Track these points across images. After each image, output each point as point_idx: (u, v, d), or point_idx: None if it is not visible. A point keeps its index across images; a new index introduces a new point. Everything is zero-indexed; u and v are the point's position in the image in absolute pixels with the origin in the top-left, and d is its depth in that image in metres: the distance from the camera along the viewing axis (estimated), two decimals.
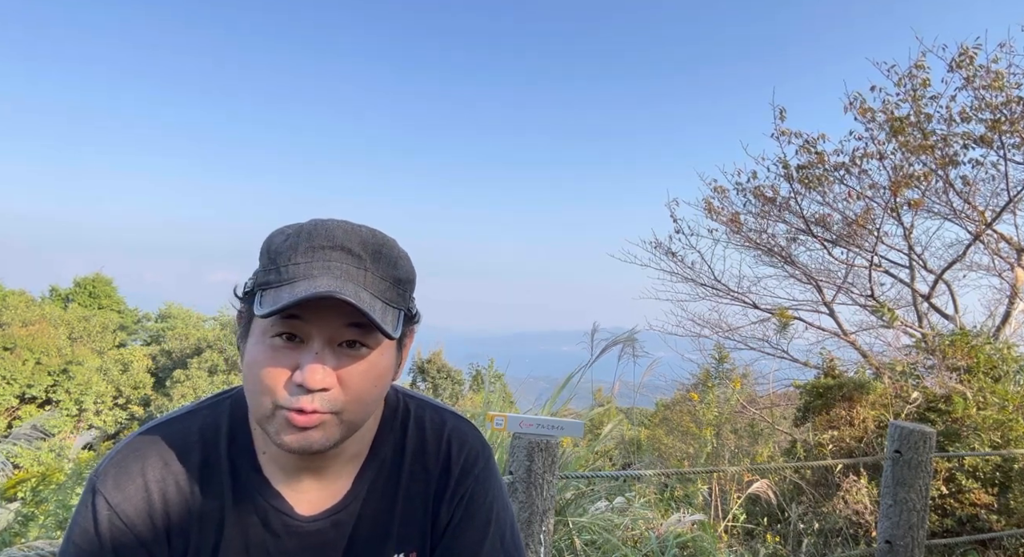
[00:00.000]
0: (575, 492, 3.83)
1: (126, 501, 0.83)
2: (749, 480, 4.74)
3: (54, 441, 12.38)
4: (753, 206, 7.32)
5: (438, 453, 0.98)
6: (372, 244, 0.81)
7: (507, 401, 5.95)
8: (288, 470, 0.89)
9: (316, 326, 0.78)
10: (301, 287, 0.75)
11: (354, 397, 0.80)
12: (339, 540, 0.91)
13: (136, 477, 0.85)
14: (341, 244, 0.79)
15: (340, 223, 0.81)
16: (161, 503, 0.85)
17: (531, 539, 2.29)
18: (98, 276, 29.43)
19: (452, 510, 0.97)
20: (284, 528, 0.88)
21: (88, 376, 21.38)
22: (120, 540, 0.83)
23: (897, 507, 3.15)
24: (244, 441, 0.89)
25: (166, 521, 0.85)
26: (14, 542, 3.91)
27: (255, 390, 0.80)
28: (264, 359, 0.79)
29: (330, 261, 0.78)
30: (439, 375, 22.04)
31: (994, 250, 6.79)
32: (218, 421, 0.90)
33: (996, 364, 4.95)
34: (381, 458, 0.95)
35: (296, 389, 0.77)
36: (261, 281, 0.80)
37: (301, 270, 0.77)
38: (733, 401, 5.70)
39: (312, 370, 0.77)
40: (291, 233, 0.81)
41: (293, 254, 0.78)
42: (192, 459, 0.87)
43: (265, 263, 0.81)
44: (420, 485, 0.96)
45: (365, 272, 0.80)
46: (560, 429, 2.42)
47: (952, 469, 4.35)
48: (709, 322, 8.09)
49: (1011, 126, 5.47)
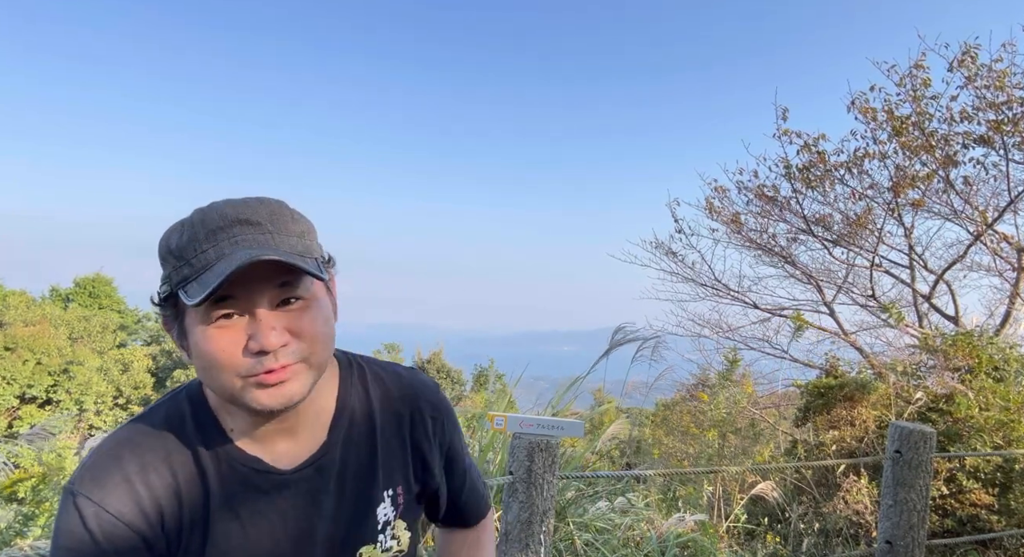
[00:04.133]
0: (576, 492, 3.83)
1: (109, 495, 0.84)
2: (751, 481, 4.74)
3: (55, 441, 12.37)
4: (754, 206, 7.32)
5: (404, 398, 1.04)
6: (264, 210, 0.84)
7: (508, 401, 5.95)
8: (260, 437, 0.91)
9: (250, 297, 0.81)
10: (220, 266, 0.78)
11: (311, 341, 0.84)
12: (327, 485, 0.95)
13: (114, 473, 0.85)
14: (237, 219, 0.81)
15: (225, 202, 0.84)
16: (145, 490, 0.85)
17: (531, 539, 2.29)
18: (98, 276, 29.46)
19: (434, 444, 1.06)
20: (270, 484, 0.91)
21: (88, 376, 21.40)
22: (112, 532, 0.83)
23: (897, 507, 3.15)
24: (210, 422, 0.92)
25: (154, 506, 0.86)
26: (14, 542, 3.91)
27: (216, 373, 0.82)
28: (215, 342, 0.81)
29: (235, 236, 0.80)
30: (439, 375, 22.03)
31: (995, 250, 6.79)
32: (180, 410, 0.92)
33: (998, 365, 4.94)
34: (350, 409, 0.99)
35: (256, 357, 0.81)
36: (178, 279, 0.81)
37: (212, 254, 0.80)
38: (742, 404, 5.70)
39: (265, 333, 0.80)
40: (184, 228, 0.82)
41: (197, 244, 0.80)
42: (164, 446, 0.89)
43: (174, 263, 0.82)
44: (395, 428, 1.03)
45: (271, 235, 0.82)
46: (560, 429, 2.42)
47: (953, 469, 4.34)
48: (709, 322, 8.10)
49: (1013, 126, 5.47)
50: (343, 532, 0.96)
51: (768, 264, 7.84)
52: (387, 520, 1.01)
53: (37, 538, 3.94)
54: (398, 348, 25.20)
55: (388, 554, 1.01)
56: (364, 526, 0.98)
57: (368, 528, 0.99)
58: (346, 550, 0.97)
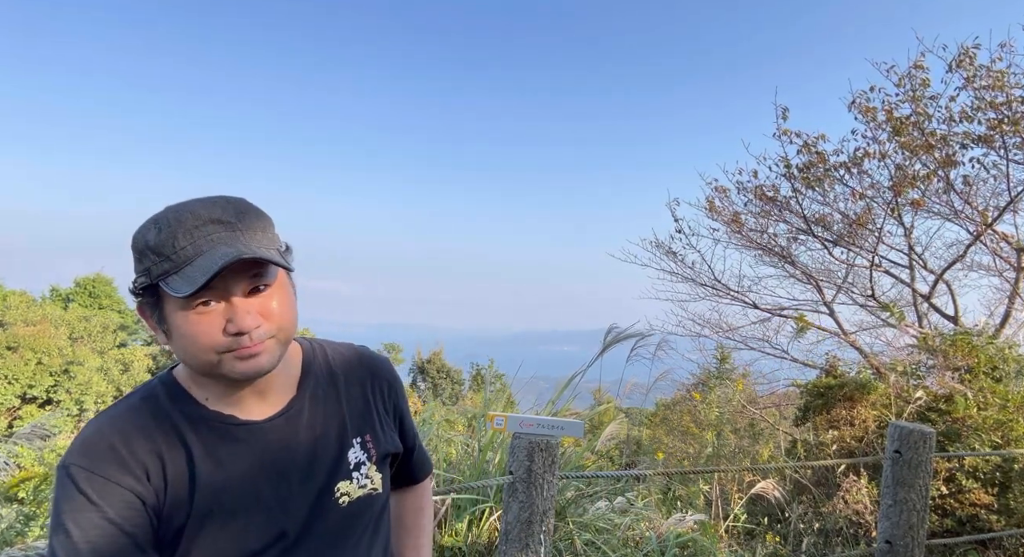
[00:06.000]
0: (575, 492, 3.83)
1: (97, 461, 0.94)
2: (750, 480, 4.74)
3: (55, 441, 12.37)
4: (754, 206, 7.31)
5: (361, 366, 1.21)
6: (232, 209, 0.96)
7: (507, 401, 5.95)
8: (234, 401, 1.04)
9: (227, 287, 0.93)
10: (201, 262, 0.90)
11: (279, 322, 0.98)
12: (299, 434, 1.07)
13: (99, 444, 0.96)
14: (210, 218, 0.94)
15: (196, 202, 0.96)
16: (128, 454, 0.95)
17: (531, 539, 2.29)
18: (98, 276, 29.44)
19: (387, 403, 1.22)
20: (246, 433, 1.03)
21: (89, 376, 21.39)
22: (105, 491, 0.93)
23: (897, 507, 3.15)
24: (183, 395, 1.03)
25: (139, 466, 0.95)
26: (15, 542, 3.92)
27: (196, 352, 0.95)
28: (197, 326, 0.93)
29: (211, 234, 0.93)
30: (439, 375, 22.03)
31: (994, 250, 6.79)
32: (154, 391, 1.04)
33: (997, 364, 4.95)
34: (315, 374, 1.14)
35: (234, 337, 0.94)
36: (159, 272, 0.92)
37: (190, 251, 0.91)
38: (735, 402, 5.70)
39: (242, 317, 0.93)
40: (160, 226, 0.93)
41: (175, 241, 0.92)
42: (143, 418, 1.00)
43: (153, 258, 0.93)
44: (356, 388, 1.18)
45: (241, 232, 0.95)
46: (560, 429, 2.42)
47: (952, 469, 4.34)
48: (709, 322, 8.09)
49: (1012, 126, 5.47)
50: (317, 472, 1.07)
51: (768, 264, 7.83)
52: (359, 461, 1.13)
53: (37, 538, 3.94)
54: (398, 348, 25.18)
55: (364, 490, 1.12)
56: (338, 466, 1.10)
57: (342, 468, 1.10)
58: (323, 486, 1.08)
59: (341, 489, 1.09)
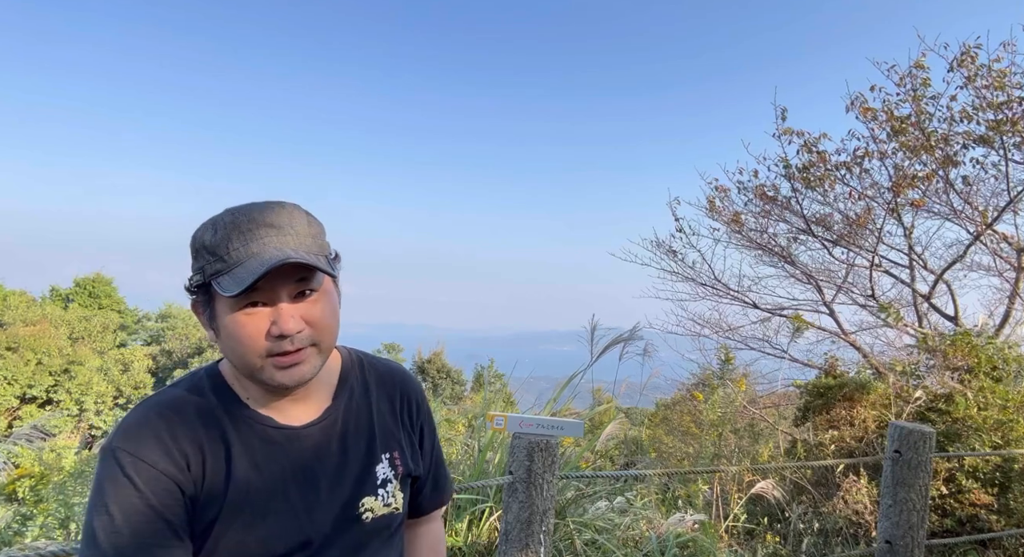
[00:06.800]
0: (575, 492, 3.83)
1: (143, 446, 0.96)
2: (750, 480, 4.74)
3: (55, 441, 12.37)
4: (754, 205, 7.31)
5: (394, 383, 1.23)
6: (285, 215, 0.99)
7: (507, 401, 5.95)
8: (273, 405, 1.06)
9: (274, 290, 0.96)
10: (251, 264, 0.93)
11: (321, 328, 1.01)
12: (331, 444, 1.09)
13: (146, 430, 0.98)
14: (263, 222, 0.97)
15: (253, 205, 0.99)
16: (172, 443, 0.98)
17: (531, 539, 2.29)
18: (98, 276, 29.43)
19: (414, 423, 1.24)
20: (283, 437, 1.05)
21: (89, 376, 21.39)
22: (149, 478, 0.95)
23: (897, 507, 3.15)
24: (228, 392, 1.06)
25: (181, 455, 0.98)
26: (13, 542, 3.91)
27: (242, 351, 0.97)
28: (243, 327, 0.96)
29: (263, 238, 0.96)
30: (439, 375, 22.02)
31: (994, 250, 6.78)
32: (200, 383, 1.06)
33: (997, 364, 4.94)
34: (350, 385, 1.16)
35: (276, 339, 0.96)
36: (212, 271, 0.96)
37: (242, 252, 0.95)
38: (737, 402, 5.69)
39: (286, 320, 0.96)
40: (217, 227, 0.97)
41: (230, 242, 0.95)
42: (188, 409, 1.02)
43: (207, 257, 0.96)
44: (387, 404, 1.20)
45: (292, 237, 0.98)
46: (560, 429, 2.42)
47: (952, 469, 4.34)
48: (709, 322, 8.09)
49: (1012, 126, 5.47)
50: (345, 483, 1.09)
51: (768, 264, 7.83)
52: (386, 478, 1.14)
53: (35, 538, 3.94)
54: (398, 348, 25.17)
55: (388, 509, 1.13)
56: (365, 480, 1.11)
57: (369, 483, 1.12)
58: (349, 499, 1.09)
59: (366, 505, 1.11)
